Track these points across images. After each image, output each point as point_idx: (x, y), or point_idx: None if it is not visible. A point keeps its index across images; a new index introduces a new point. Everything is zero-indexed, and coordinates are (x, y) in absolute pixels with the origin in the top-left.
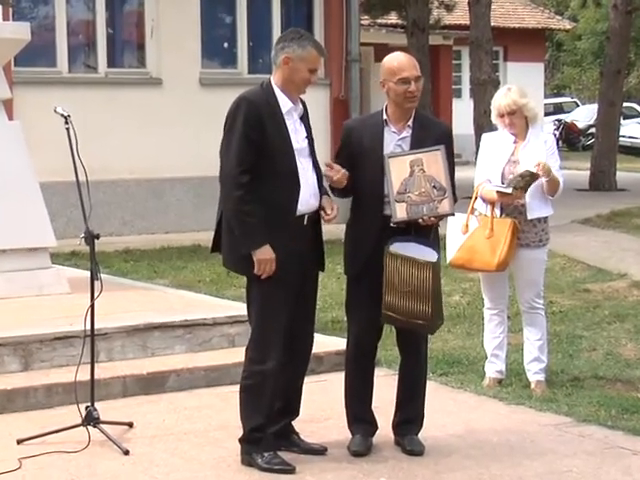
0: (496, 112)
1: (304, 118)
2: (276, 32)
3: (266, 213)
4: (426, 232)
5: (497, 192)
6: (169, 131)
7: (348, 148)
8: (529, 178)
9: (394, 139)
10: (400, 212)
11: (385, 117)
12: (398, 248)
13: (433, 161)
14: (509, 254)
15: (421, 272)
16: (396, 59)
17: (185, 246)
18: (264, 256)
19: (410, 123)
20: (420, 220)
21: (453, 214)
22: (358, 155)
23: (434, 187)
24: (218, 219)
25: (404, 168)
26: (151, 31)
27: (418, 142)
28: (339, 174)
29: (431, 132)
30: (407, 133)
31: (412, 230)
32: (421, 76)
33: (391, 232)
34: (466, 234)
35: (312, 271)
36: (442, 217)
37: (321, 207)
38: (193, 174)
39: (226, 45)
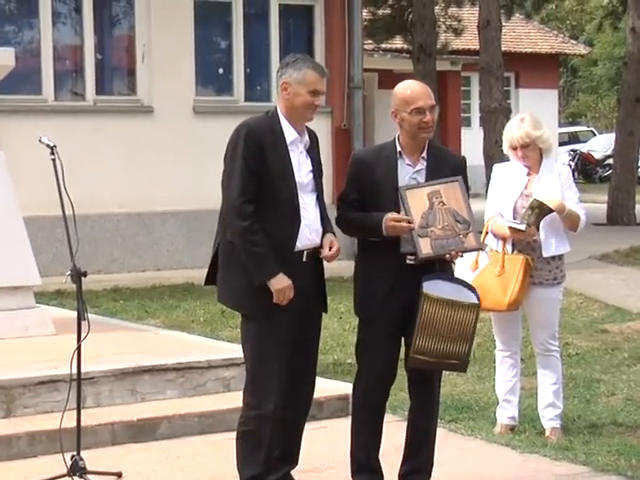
0: (508, 144)
1: (311, 151)
2: (274, 57)
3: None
4: (447, 267)
5: (509, 228)
6: (161, 162)
7: (358, 181)
8: (538, 210)
9: (409, 172)
10: (425, 248)
11: (399, 149)
12: (434, 290)
13: (452, 193)
14: (521, 293)
15: (465, 315)
16: (409, 88)
17: (178, 284)
18: (281, 284)
19: (424, 155)
20: (447, 256)
21: (482, 249)
22: (370, 189)
23: (457, 221)
24: (214, 252)
25: (422, 201)
26: (142, 56)
27: (433, 175)
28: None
29: (446, 164)
30: (422, 166)
31: (437, 266)
32: (436, 105)
33: (409, 270)
34: (475, 271)
35: (314, 312)
36: (469, 252)
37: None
38: (187, 208)
39: (221, 71)
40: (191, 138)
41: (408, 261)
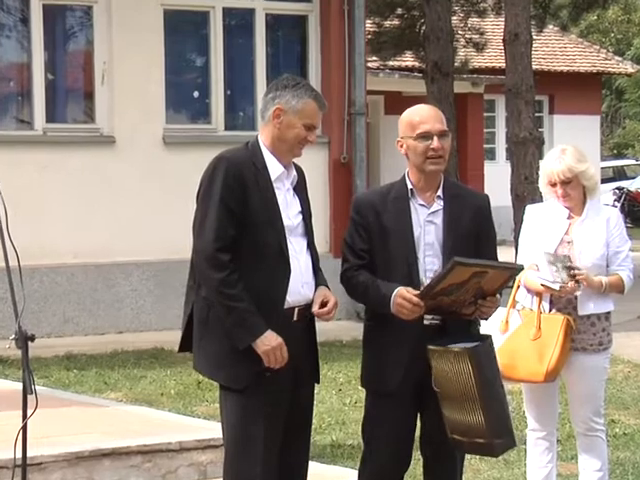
0: (547, 180)
1: (299, 188)
2: (260, 78)
3: None
4: (473, 328)
5: (542, 285)
6: (124, 203)
7: (365, 230)
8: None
9: (424, 214)
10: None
11: (410, 186)
12: (440, 345)
13: (496, 278)
14: (561, 360)
15: (458, 365)
16: (417, 112)
17: (144, 350)
18: (269, 344)
19: (440, 193)
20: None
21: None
22: (380, 238)
23: (474, 296)
24: (189, 311)
25: (463, 276)
26: (102, 77)
27: (452, 218)
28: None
29: (467, 204)
30: (438, 206)
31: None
32: (448, 131)
33: (431, 334)
34: (506, 334)
35: (305, 384)
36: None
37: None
38: (154, 258)
39: (197, 94)
40: (160, 174)
41: (426, 321)
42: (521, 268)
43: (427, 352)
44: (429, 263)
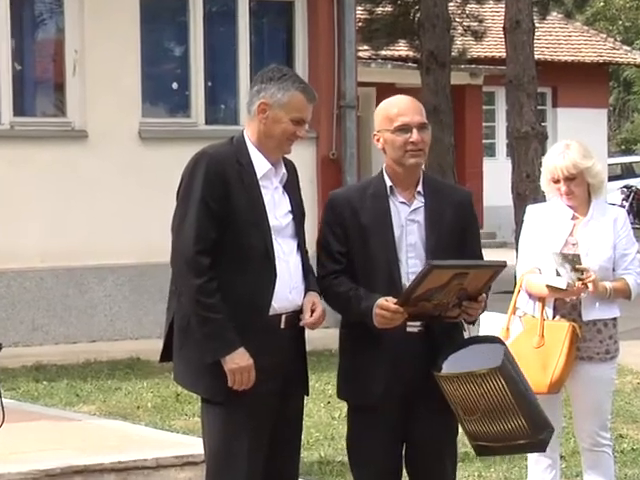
0: (549, 176)
1: (289, 187)
2: (243, 68)
3: (228, 311)
4: (457, 334)
5: (547, 286)
6: (97, 203)
7: (341, 229)
8: (580, 264)
9: (404, 212)
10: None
11: (389, 183)
12: (446, 367)
13: (480, 277)
14: (565, 370)
15: (490, 384)
16: (394, 103)
17: (119, 359)
18: (238, 363)
19: (420, 189)
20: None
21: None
22: (358, 239)
23: (458, 298)
24: (171, 318)
25: (441, 279)
26: (73, 67)
27: (434, 214)
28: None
29: (448, 200)
30: (420, 202)
31: (446, 335)
32: (427, 124)
33: (412, 342)
34: (507, 341)
35: (293, 395)
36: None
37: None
38: (130, 261)
39: (175, 86)
40: (136, 172)
41: (409, 328)
42: (504, 265)
43: (435, 378)
44: (412, 265)
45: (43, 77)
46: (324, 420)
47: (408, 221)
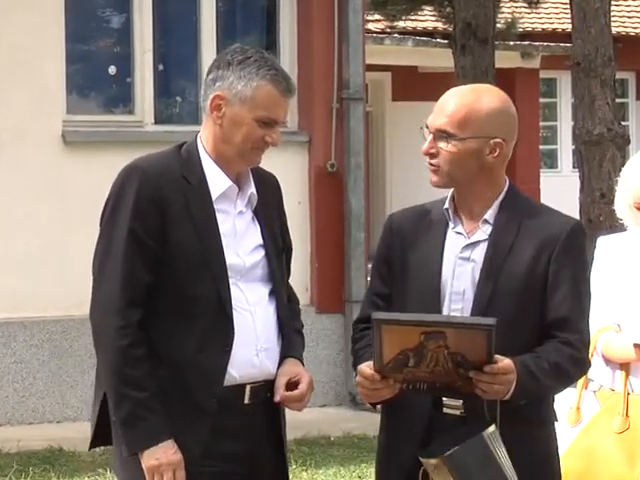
0: (631, 199)
1: (263, 211)
2: (207, 47)
3: (166, 383)
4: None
5: (636, 346)
6: (4, 232)
7: (385, 266)
8: None
9: (458, 244)
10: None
11: (447, 206)
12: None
13: (469, 340)
14: None
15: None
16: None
17: (33, 451)
18: (159, 459)
19: (488, 216)
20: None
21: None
22: (398, 281)
23: (460, 366)
24: (102, 395)
25: (410, 339)
26: None
27: (499, 252)
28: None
29: (528, 232)
30: (483, 234)
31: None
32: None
33: (447, 424)
34: (578, 425)
35: None
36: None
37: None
38: (48, 314)
39: (113, 70)
40: (57, 187)
41: (446, 409)
42: (492, 323)
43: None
44: None
45: None
46: None
47: (460, 260)
